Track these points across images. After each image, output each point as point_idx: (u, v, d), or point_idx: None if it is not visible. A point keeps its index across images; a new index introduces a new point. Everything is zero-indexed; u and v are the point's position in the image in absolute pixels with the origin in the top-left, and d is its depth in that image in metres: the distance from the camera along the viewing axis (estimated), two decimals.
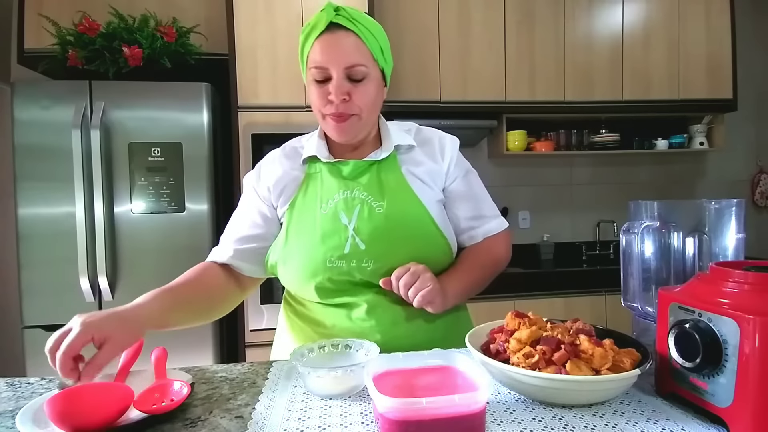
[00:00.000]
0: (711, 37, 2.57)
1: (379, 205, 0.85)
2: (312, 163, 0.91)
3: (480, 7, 2.39)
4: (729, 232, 0.67)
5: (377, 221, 0.84)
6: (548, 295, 2.27)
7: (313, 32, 0.82)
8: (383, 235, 0.83)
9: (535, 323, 0.67)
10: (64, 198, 1.80)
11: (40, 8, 2.02)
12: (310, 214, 0.86)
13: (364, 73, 0.82)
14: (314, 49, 0.82)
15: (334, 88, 0.81)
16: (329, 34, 0.81)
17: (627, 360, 0.58)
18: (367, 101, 0.84)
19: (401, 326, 0.85)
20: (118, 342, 0.65)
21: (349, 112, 0.83)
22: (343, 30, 0.81)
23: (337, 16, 0.81)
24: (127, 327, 0.67)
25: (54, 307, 1.81)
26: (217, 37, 2.13)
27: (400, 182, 0.88)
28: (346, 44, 0.81)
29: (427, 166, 0.91)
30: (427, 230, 0.87)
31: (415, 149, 0.93)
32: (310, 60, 0.83)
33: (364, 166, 0.88)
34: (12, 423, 0.56)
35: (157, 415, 0.56)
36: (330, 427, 0.55)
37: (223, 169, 2.12)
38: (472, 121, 2.45)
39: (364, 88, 0.83)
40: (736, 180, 3.07)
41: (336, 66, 0.81)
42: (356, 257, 0.83)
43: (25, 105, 1.79)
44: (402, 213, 0.85)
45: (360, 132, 0.88)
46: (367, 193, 0.86)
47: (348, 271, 0.83)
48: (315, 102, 0.85)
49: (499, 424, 0.55)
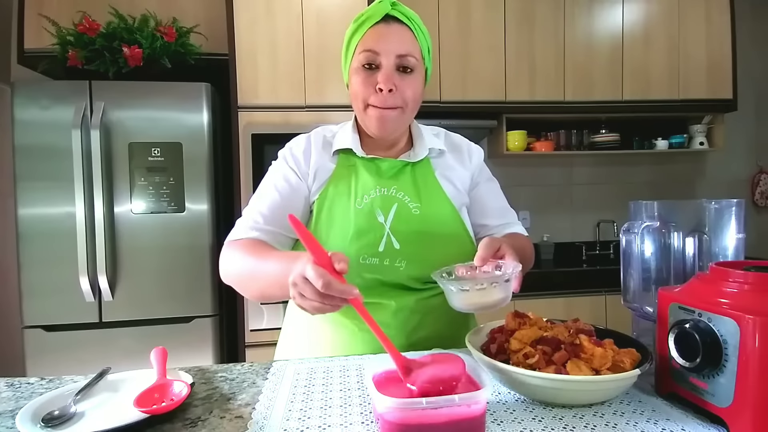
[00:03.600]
0: (711, 37, 2.57)
1: (415, 206, 0.86)
2: (345, 156, 0.90)
3: (480, 7, 2.39)
4: (729, 232, 0.67)
5: (413, 222, 0.84)
6: (548, 295, 2.28)
7: (368, 21, 0.83)
8: (418, 237, 0.83)
9: (535, 323, 0.67)
10: (64, 198, 1.80)
11: (40, 8, 2.02)
12: (342, 208, 0.85)
13: (414, 64, 0.83)
14: (367, 36, 0.83)
15: (383, 77, 0.81)
16: (384, 24, 0.83)
17: (627, 360, 0.58)
18: (412, 94, 0.85)
19: (426, 329, 0.85)
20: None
21: (394, 104, 0.83)
22: (398, 23, 0.83)
23: (394, 9, 0.83)
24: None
25: (54, 307, 1.81)
26: (217, 37, 2.13)
27: (434, 185, 0.89)
28: (400, 35, 0.83)
29: (457, 171, 0.93)
30: (459, 235, 0.89)
31: (446, 154, 0.94)
32: (361, 46, 0.83)
33: (400, 166, 0.89)
34: (12, 423, 0.56)
35: (157, 415, 0.56)
36: (330, 427, 0.55)
37: (223, 169, 2.12)
38: (471, 121, 2.44)
39: (412, 80, 0.84)
40: (736, 180, 3.07)
41: (388, 53, 0.82)
42: (390, 256, 0.83)
43: (25, 105, 1.79)
44: (437, 216, 0.86)
45: (400, 127, 0.88)
46: (404, 193, 0.86)
47: (380, 269, 0.83)
48: (359, 90, 0.84)
49: (499, 424, 0.55)
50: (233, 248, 0.83)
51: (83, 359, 1.81)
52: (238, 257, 0.80)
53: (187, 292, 1.91)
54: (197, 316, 1.91)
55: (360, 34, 0.84)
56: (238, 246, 0.82)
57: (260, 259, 0.76)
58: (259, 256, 0.77)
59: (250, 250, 0.80)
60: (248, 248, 0.81)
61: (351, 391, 0.65)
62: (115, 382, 0.68)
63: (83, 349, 1.83)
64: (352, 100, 0.88)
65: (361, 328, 0.85)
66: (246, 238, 0.84)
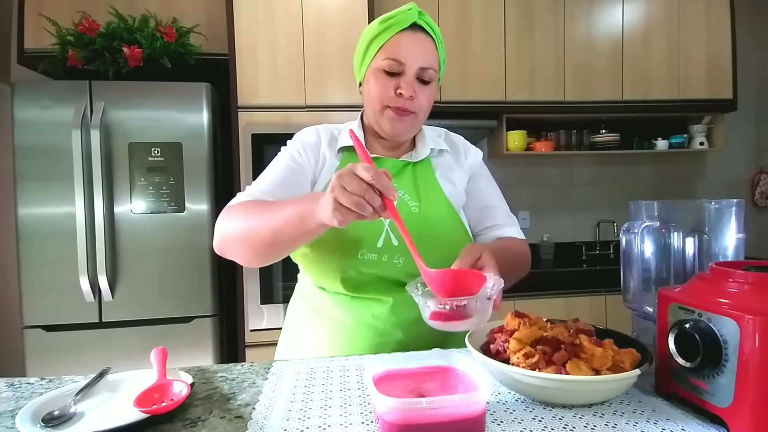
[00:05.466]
0: (711, 37, 2.57)
1: (414, 204, 0.87)
2: (349, 154, 0.92)
3: (480, 7, 2.39)
4: (729, 232, 0.67)
5: (412, 220, 0.84)
6: (548, 295, 2.27)
7: (395, 27, 0.84)
8: (416, 235, 0.83)
9: (535, 323, 0.67)
10: (64, 198, 1.80)
11: (40, 8, 2.02)
12: None
13: (432, 77, 0.87)
14: (393, 42, 0.84)
15: (407, 84, 0.84)
16: (412, 33, 0.85)
17: (627, 360, 0.58)
18: (427, 103, 0.88)
19: (424, 325, 0.85)
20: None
21: (411, 110, 0.86)
22: (424, 32, 0.86)
23: (420, 18, 0.85)
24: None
25: (54, 307, 1.81)
26: (217, 37, 2.13)
27: (434, 185, 0.91)
28: (424, 46, 0.85)
29: (455, 171, 0.95)
30: (458, 234, 0.89)
31: (446, 154, 0.97)
32: (386, 51, 0.85)
33: (401, 166, 0.91)
34: (12, 423, 0.56)
35: (157, 415, 0.56)
36: (330, 427, 0.55)
37: (223, 169, 2.12)
38: (472, 121, 2.44)
39: (429, 90, 0.88)
40: (736, 180, 3.07)
41: (413, 63, 0.84)
42: (388, 252, 0.83)
43: (25, 105, 1.79)
44: (436, 215, 0.88)
45: (412, 132, 0.92)
46: (404, 192, 0.88)
47: (378, 265, 0.83)
48: (379, 92, 0.86)
49: (499, 424, 0.55)
50: (235, 207, 0.81)
51: (83, 359, 1.81)
52: (244, 209, 0.79)
53: (187, 292, 1.91)
54: (197, 316, 1.91)
55: (385, 37, 0.85)
56: (240, 204, 0.81)
57: (271, 204, 0.76)
58: (270, 202, 0.77)
59: (258, 202, 0.80)
60: (255, 202, 0.81)
61: (351, 391, 0.65)
62: (115, 382, 0.68)
63: (83, 349, 1.83)
64: (367, 99, 0.89)
65: (360, 324, 0.85)
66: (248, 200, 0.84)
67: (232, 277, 2.03)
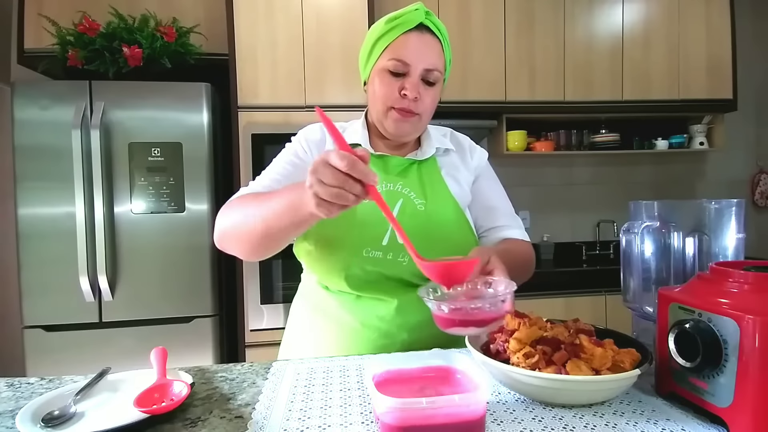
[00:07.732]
0: (711, 37, 2.57)
1: (420, 203, 0.87)
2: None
3: (480, 7, 2.39)
4: (729, 232, 0.67)
5: (418, 218, 0.85)
6: (548, 295, 2.27)
7: (402, 26, 0.84)
8: (422, 233, 0.83)
9: (535, 323, 0.67)
10: (64, 198, 1.80)
11: (40, 8, 2.02)
12: None
13: (437, 78, 0.86)
14: (399, 43, 0.84)
15: (411, 85, 0.84)
16: (418, 33, 0.84)
17: (627, 360, 0.58)
18: (431, 105, 0.88)
19: (427, 327, 0.85)
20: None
21: (415, 111, 0.86)
22: (430, 33, 0.85)
23: (427, 18, 0.84)
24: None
25: (54, 307, 1.81)
26: (217, 37, 2.13)
27: (440, 184, 0.91)
28: (430, 47, 0.85)
29: (461, 170, 0.95)
30: (463, 233, 0.89)
31: (452, 153, 0.96)
32: (391, 52, 0.84)
33: (407, 164, 0.91)
34: (12, 423, 0.56)
35: (157, 415, 0.56)
36: (330, 427, 0.55)
37: (223, 169, 2.12)
38: (472, 121, 2.44)
39: (434, 91, 0.87)
40: (736, 180, 3.07)
41: (418, 65, 0.84)
42: (393, 250, 0.83)
43: (25, 105, 1.79)
44: (441, 214, 0.87)
45: (416, 132, 0.91)
46: (409, 189, 0.88)
47: (383, 263, 0.83)
48: (383, 92, 0.86)
49: (499, 424, 0.55)
50: (233, 201, 0.83)
51: (83, 359, 1.81)
52: (240, 203, 0.80)
53: (187, 292, 1.90)
54: (197, 316, 1.91)
55: (391, 37, 0.84)
56: (238, 198, 0.83)
57: (266, 194, 0.76)
58: (264, 194, 0.77)
59: (254, 194, 0.81)
60: (252, 194, 0.82)
61: (351, 391, 0.65)
62: (115, 382, 0.68)
63: (83, 349, 1.83)
64: (372, 99, 0.89)
65: (365, 324, 0.85)
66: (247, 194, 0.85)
67: (232, 277, 2.03)
